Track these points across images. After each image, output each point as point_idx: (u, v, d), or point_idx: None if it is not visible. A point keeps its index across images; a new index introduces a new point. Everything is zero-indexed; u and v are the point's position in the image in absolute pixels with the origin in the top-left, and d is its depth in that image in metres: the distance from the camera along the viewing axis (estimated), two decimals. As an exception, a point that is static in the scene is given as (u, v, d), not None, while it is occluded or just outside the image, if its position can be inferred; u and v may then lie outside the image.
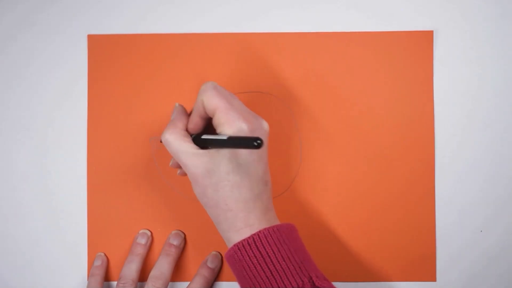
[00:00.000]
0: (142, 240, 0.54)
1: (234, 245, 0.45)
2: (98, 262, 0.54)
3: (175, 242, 0.54)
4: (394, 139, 0.55)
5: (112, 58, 0.55)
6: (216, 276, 0.54)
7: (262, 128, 0.46)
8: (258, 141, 0.39)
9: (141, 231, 0.54)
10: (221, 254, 0.55)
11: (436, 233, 0.54)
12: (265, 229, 0.44)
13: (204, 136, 0.47)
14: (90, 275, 0.53)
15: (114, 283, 0.55)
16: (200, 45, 0.55)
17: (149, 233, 0.55)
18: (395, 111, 0.55)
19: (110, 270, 0.55)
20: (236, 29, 0.56)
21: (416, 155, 0.55)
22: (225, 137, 0.43)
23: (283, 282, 0.43)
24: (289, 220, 0.54)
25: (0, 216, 0.55)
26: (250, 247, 0.44)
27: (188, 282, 0.53)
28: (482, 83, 0.55)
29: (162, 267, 0.52)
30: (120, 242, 0.55)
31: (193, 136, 0.48)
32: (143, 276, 0.54)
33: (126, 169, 0.55)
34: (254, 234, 0.44)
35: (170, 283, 0.54)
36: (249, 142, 0.40)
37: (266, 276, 0.43)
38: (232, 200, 0.44)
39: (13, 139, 0.56)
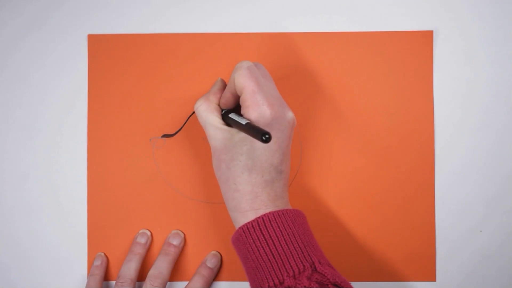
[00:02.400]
0: (142, 240, 0.54)
1: (239, 227, 0.45)
2: (97, 262, 0.54)
3: (175, 241, 0.54)
4: (394, 139, 0.55)
5: (112, 58, 0.56)
6: (215, 276, 0.54)
7: (285, 118, 0.46)
8: (266, 136, 0.40)
9: (140, 231, 0.54)
10: (220, 254, 0.55)
11: (436, 233, 0.54)
12: (270, 213, 0.45)
13: (229, 115, 0.47)
14: (89, 274, 0.54)
15: (113, 282, 0.55)
16: (200, 45, 0.55)
17: (148, 233, 0.55)
18: (395, 111, 0.55)
19: (109, 269, 0.55)
20: (236, 29, 0.56)
21: (415, 155, 0.55)
22: (243, 122, 0.44)
23: (285, 266, 0.43)
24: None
25: (1, 216, 0.55)
26: (254, 230, 0.44)
27: (187, 282, 0.53)
28: (481, 83, 0.55)
29: (160, 266, 0.52)
30: (120, 242, 0.55)
31: (223, 111, 0.49)
32: (142, 275, 0.54)
33: (126, 169, 0.55)
34: (259, 218, 0.44)
35: (169, 282, 0.54)
36: (258, 134, 0.40)
37: (268, 259, 0.44)
38: (241, 181, 0.45)
39: (13, 139, 0.56)
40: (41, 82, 0.56)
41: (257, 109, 0.45)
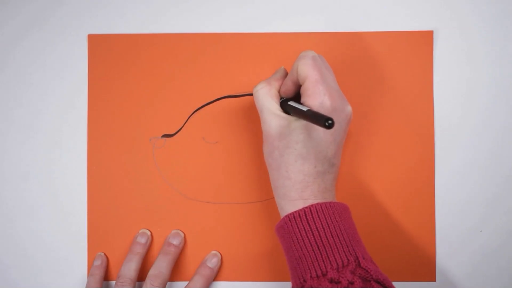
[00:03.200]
0: (142, 240, 0.54)
1: (286, 216, 0.45)
2: (98, 262, 0.54)
3: (175, 241, 0.54)
4: (394, 139, 0.55)
5: (112, 58, 0.56)
6: (215, 275, 0.54)
7: (344, 111, 0.46)
8: (329, 121, 0.39)
9: (141, 231, 0.54)
10: (220, 254, 0.55)
11: (436, 233, 0.54)
12: (318, 204, 0.44)
13: (289, 102, 0.47)
14: (89, 274, 0.54)
15: (113, 282, 0.55)
16: (201, 45, 0.55)
17: (148, 233, 0.55)
18: (395, 111, 0.55)
19: (109, 269, 0.55)
20: (236, 29, 0.56)
21: (415, 155, 0.55)
22: (305, 109, 0.44)
23: (329, 258, 0.43)
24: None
25: (2, 216, 0.56)
26: (301, 219, 0.44)
27: (187, 282, 0.53)
28: (481, 83, 0.55)
29: (160, 266, 0.52)
30: (120, 242, 0.55)
31: (282, 99, 0.49)
32: (142, 275, 0.54)
33: (126, 169, 0.55)
34: (306, 207, 0.44)
35: (169, 282, 0.54)
36: (322, 120, 0.40)
37: (313, 250, 0.44)
38: (293, 169, 0.45)
39: (13, 138, 0.56)
40: (41, 82, 0.56)
41: (318, 99, 0.45)
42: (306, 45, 0.55)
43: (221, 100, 0.55)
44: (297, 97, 0.48)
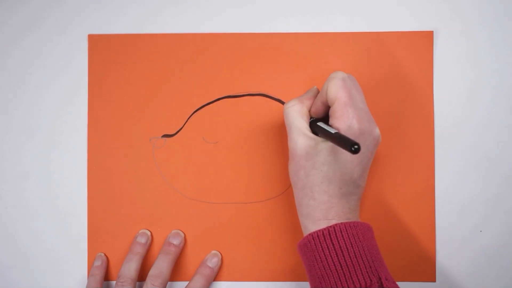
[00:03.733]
0: (142, 240, 0.54)
1: (309, 234, 0.45)
2: (98, 262, 0.54)
3: (175, 241, 0.54)
4: (394, 139, 0.55)
5: (113, 58, 0.56)
6: (216, 275, 0.54)
7: (371, 134, 0.46)
8: (356, 146, 0.39)
9: (140, 231, 0.54)
10: (220, 254, 0.55)
11: (436, 234, 0.54)
12: (341, 223, 0.44)
13: (318, 123, 0.47)
14: (89, 274, 0.53)
15: (114, 282, 0.55)
16: (201, 45, 0.55)
17: (148, 233, 0.55)
18: (395, 111, 0.55)
19: (110, 269, 0.55)
20: (236, 29, 0.56)
21: (416, 155, 0.55)
22: (332, 131, 0.44)
23: (352, 278, 0.43)
24: (288, 221, 0.54)
25: (2, 216, 0.55)
26: (325, 238, 0.44)
27: (188, 282, 0.53)
28: (481, 83, 0.55)
29: (161, 266, 0.52)
30: (120, 242, 0.55)
31: (312, 119, 0.49)
32: (142, 275, 0.54)
33: (126, 169, 0.55)
34: (330, 227, 0.44)
35: (169, 282, 0.54)
36: (348, 144, 0.40)
37: (336, 269, 0.43)
38: (318, 190, 0.45)
39: (13, 138, 0.56)
40: (41, 82, 0.56)
41: (346, 121, 0.45)
42: (306, 45, 0.55)
43: (221, 100, 0.55)
44: (326, 117, 0.48)
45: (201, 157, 0.55)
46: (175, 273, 0.55)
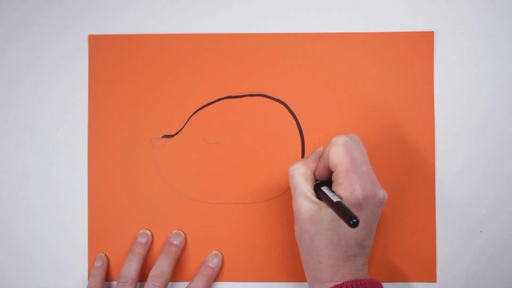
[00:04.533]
0: (142, 240, 0.54)
1: None
2: (98, 263, 0.54)
3: (175, 241, 0.54)
4: (394, 139, 0.55)
5: (113, 59, 0.55)
6: (217, 275, 0.54)
7: (375, 197, 0.46)
8: (354, 221, 0.39)
9: (141, 231, 0.54)
10: (221, 254, 0.55)
11: (436, 234, 0.54)
12: (348, 282, 0.45)
13: (322, 188, 0.47)
14: (90, 275, 0.53)
15: (115, 283, 0.55)
16: (201, 45, 0.55)
17: (149, 233, 0.55)
18: (395, 111, 0.55)
19: (110, 270, 0.55)
20: (237, 30, 0.56)
21: (416, 155, 0.55)
22: (334, 200, 0.44)
23: None
24: (288, 221, 0.54)
25: (2, 216, 0.55)
26: None
27: (188, 282, 0.53)
28: (481, 83, 0.55)
29: (162, 266, 0.52)
30: (120, 242, 0.55)
31: (317, 181, 0.48)
32: (142, 275, 0.54)
33: (126, 169, 0.55)
34: (337, 286, 0.44)
35: (170, 282, 0.54)
36: (347, 217, 0.40)
37: None
38: (324, 254, 0.45)
39: (13, 139, 0.56)
40: (41, 82, 0.56)
41: (349, 188, 0.44)
42: (306, 45, 0.55)
43: (221, 101, 0.55)
44: (330, 181, 0.48)
45: (201, 157, 0.55)
46: (176, 273, 0.55)
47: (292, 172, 0.48)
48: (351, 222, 0.39)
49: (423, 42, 0.55)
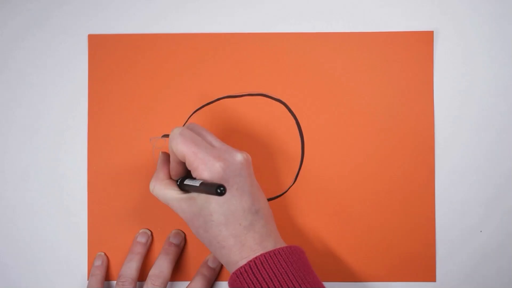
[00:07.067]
0: (142, 239, 0.54)
1: (233, 273, 0.45)
2: (98, 262, 0.54)
3: (175, 241, 0.54)
4: (394, 139, 0.55)
5: (113, 58, 0.56)
6: (217, 275, 0.54)
7: (235, 163, 0.46)
8: (221, 188, 0.40)
9: (141, 231, 0.55)
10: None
11: (436, 234, 0.55)
12: (261, 255, 0.44)
13: (184, 182, 0.47)
14: (90, 275, 0.53)
15: (114, 282, 0.55)
16: (201, 45, 0.55)
17: (149, 233, 0.55)
18: (395, 111, 0.55)
19: (110, 269, 0.55)
20: (236, 29, 0.56)
21: (416, 155, 0.55)
22: (197, 183, 0.44)
23: None
24: (288, 221, 0.54)
25: (2, 216, 0.55)
26: (248, 274, 0.44)
27: (188, 282, 0.53)
28: (481, 83, 0.55)
29: (161, 265, 0.52)
30: (120, 241, 0.55)
31: (178, 180, 0.49)
32: (142, 275, 0.54)
33: (126, 169, 0.55)
34: (250, 261, 0.44)
35: (170, 282, 0.54)
36: (213, 190, 0.41)
37: None
38: (222, 238, 0.45)
39: (13, 138, 0.56)
40: (41, 82, 0.56)
41: (205, 168, 0.45)
42: (306, 45, 0.55)
43: (221, 100, 0.56)
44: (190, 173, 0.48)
45: (201, 157, 0.55)
46: (176, 273, 0.55)
47: (153, 192, 0.49)
48: (219, 191, 0.40)
49: (423, 42, 0.55)
